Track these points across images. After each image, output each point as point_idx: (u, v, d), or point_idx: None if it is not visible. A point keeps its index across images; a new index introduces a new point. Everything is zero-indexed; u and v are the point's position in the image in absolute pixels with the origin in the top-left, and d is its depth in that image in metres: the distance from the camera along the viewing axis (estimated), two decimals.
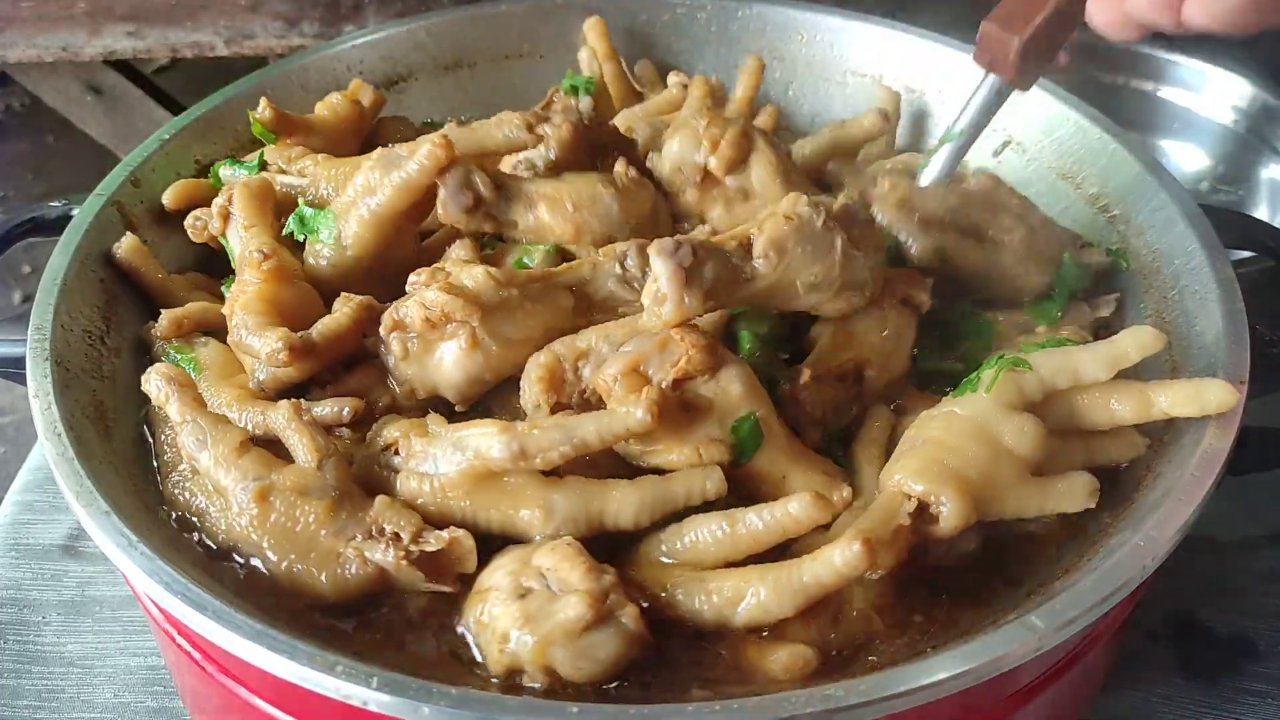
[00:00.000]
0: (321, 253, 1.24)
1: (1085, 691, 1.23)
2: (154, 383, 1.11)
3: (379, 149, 1.24)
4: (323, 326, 1.13)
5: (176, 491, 1.09)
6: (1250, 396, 1.08)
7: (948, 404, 1.08)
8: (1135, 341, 1.06)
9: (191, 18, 2.66)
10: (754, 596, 0.95)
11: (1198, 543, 1.01)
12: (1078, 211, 1.46)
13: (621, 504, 1.02)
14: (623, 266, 1.09)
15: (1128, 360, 1.06)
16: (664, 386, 1.01)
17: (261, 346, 1.11)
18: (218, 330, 1.24)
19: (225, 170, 1.41)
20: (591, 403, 1.07)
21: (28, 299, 3.54)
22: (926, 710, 0.88)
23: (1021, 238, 1.28)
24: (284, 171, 1.37)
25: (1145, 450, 1.12)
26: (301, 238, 1.26)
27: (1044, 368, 1.07)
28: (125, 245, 1.29)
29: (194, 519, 1.06)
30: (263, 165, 1.39)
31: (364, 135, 1.55)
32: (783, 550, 1.02)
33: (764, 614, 0.95)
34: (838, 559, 0.93)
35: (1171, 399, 1.05)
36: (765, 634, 0.98)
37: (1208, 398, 1.04)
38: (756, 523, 0.98)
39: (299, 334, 1.11)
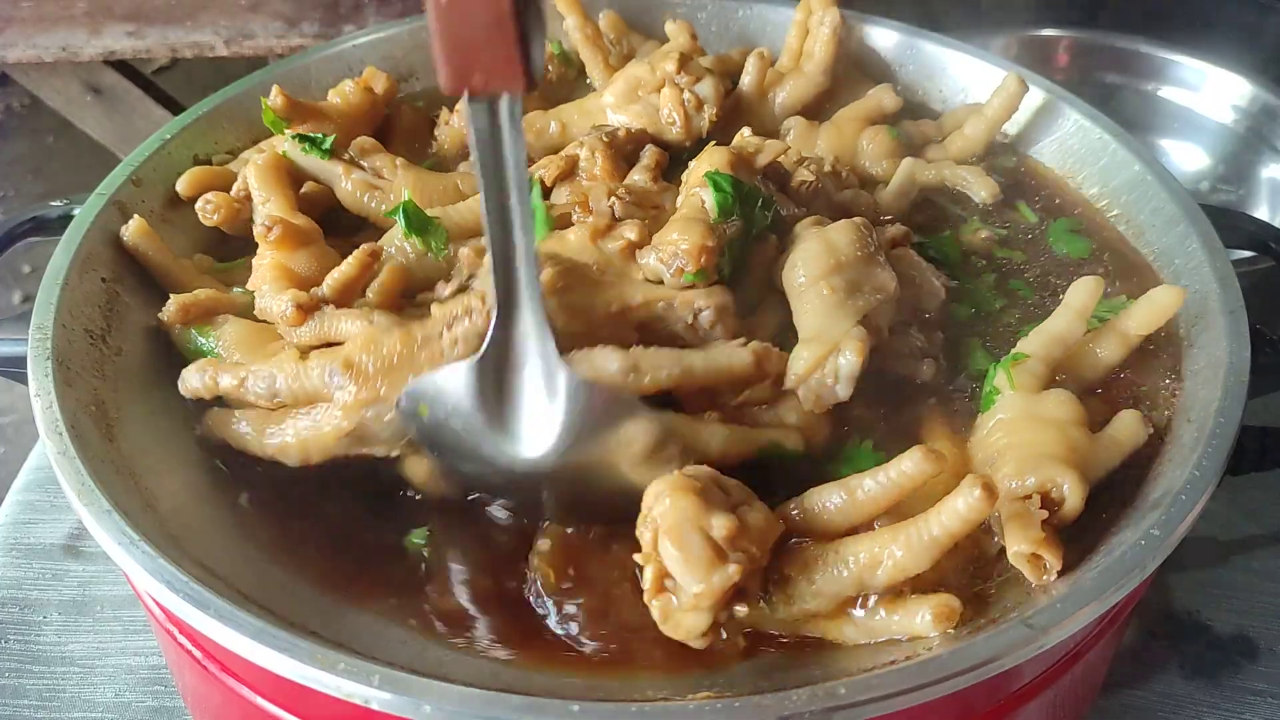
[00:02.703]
0: (408, 252, 1.25)
1: (1085, 691, 1.24)
2: (192, 380, 1.12)
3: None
4: (331, 280, 1.15)
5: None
6: (1250, 396, 1.09)
7: (986, 420, 1.11)
8: (1087, 290, 1.17)
9: (191, 18, 2.66)
10: (890, 558, 0.96)
11: (1198, 543, 1.01)
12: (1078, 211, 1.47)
13: (710, 436, 1.07)
14: (695, 318, 1.12)
15: (1089, 307, 1.16)
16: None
17: (276, 311, 1.15)
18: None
19: (288, 147, 1.37)
20: None
21: (28, 299, 3.54)
22: (927, 710, 0.88)
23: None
24: (358, 165, 1.35)
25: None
26: (408, 237, 1.25)
27: (1036, 348, 1.14)
28: (133, 229, 1.29)
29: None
30: (334, 151, 1.36)
31: (377, 123, 1.54)
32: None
33: (902, 573, 0.96)
34: (962, 506, 0.93)
35: (1139, 321, 1.16)
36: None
37: (1162, 305, 1.15)
38: (874, 486, 0.99)
39: (309, 291, 1.15)
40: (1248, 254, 1.43)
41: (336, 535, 1.10)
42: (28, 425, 3.12)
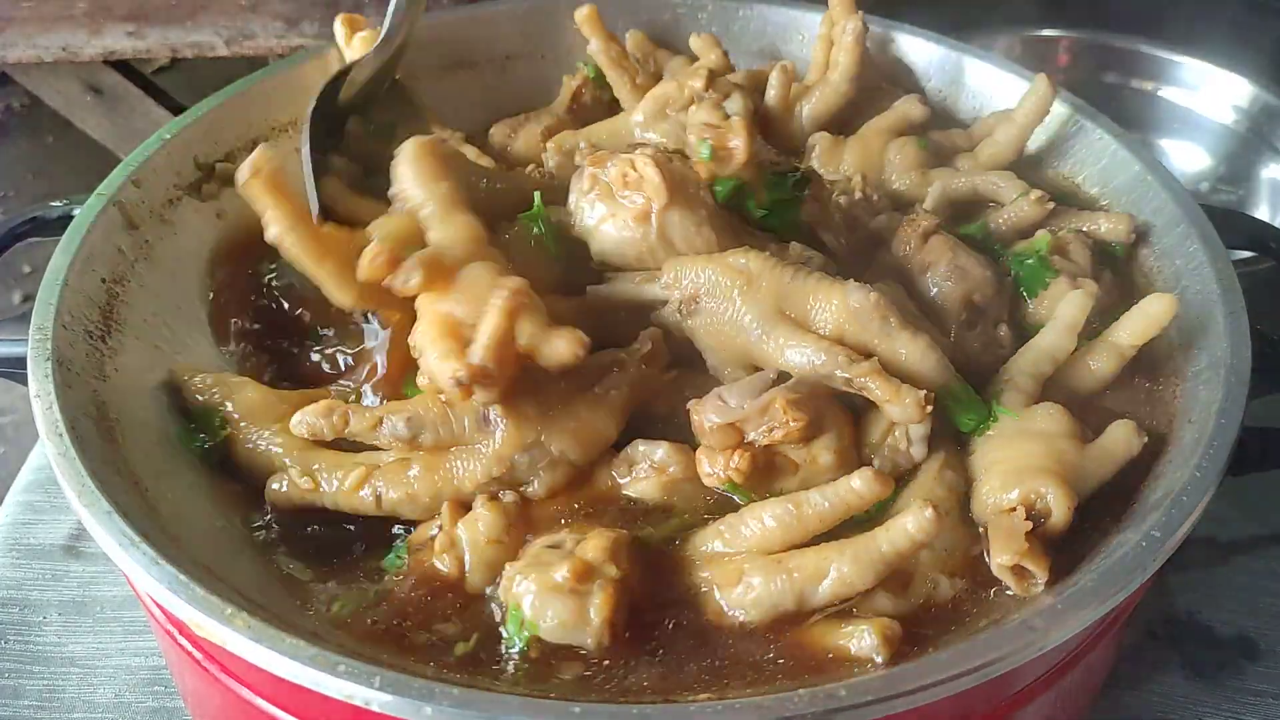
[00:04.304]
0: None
1: (1085, 691, 1.23)
2: (315, 422, 1.07)
3: None
4: (484, 344, 1.01)
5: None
6: (1250, 396, 1.09)
7: (977, 438, 1.12)
8: (1077, 304, 1.16)
9: (191, 18, 2.66)
10: (836, 571, 0.97)
11: (1198, 543, 1.01)
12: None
13: None
14: None
15: (1079, 323, 1.15)
16: (756, 449, 1.04)
17: (447, 392, 1.02)
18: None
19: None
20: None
21: (28, 299, 3.54)
22: (927, 710, 0.88)
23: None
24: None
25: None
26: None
27: (1025, 365, 1.15)
28: (261, 166, 1.10)
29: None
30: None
31: None
32: None
33: (847, 588, 0.98)
34: (911, 526, 0.95)
35: (1131, 333, 1.15)
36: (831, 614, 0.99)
37: (1154, 314, 1.13)
38: (822, 502, 1.00)
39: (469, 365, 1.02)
40: (1248, 254, 1.43)
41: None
42: (28, 425, 3.12)
